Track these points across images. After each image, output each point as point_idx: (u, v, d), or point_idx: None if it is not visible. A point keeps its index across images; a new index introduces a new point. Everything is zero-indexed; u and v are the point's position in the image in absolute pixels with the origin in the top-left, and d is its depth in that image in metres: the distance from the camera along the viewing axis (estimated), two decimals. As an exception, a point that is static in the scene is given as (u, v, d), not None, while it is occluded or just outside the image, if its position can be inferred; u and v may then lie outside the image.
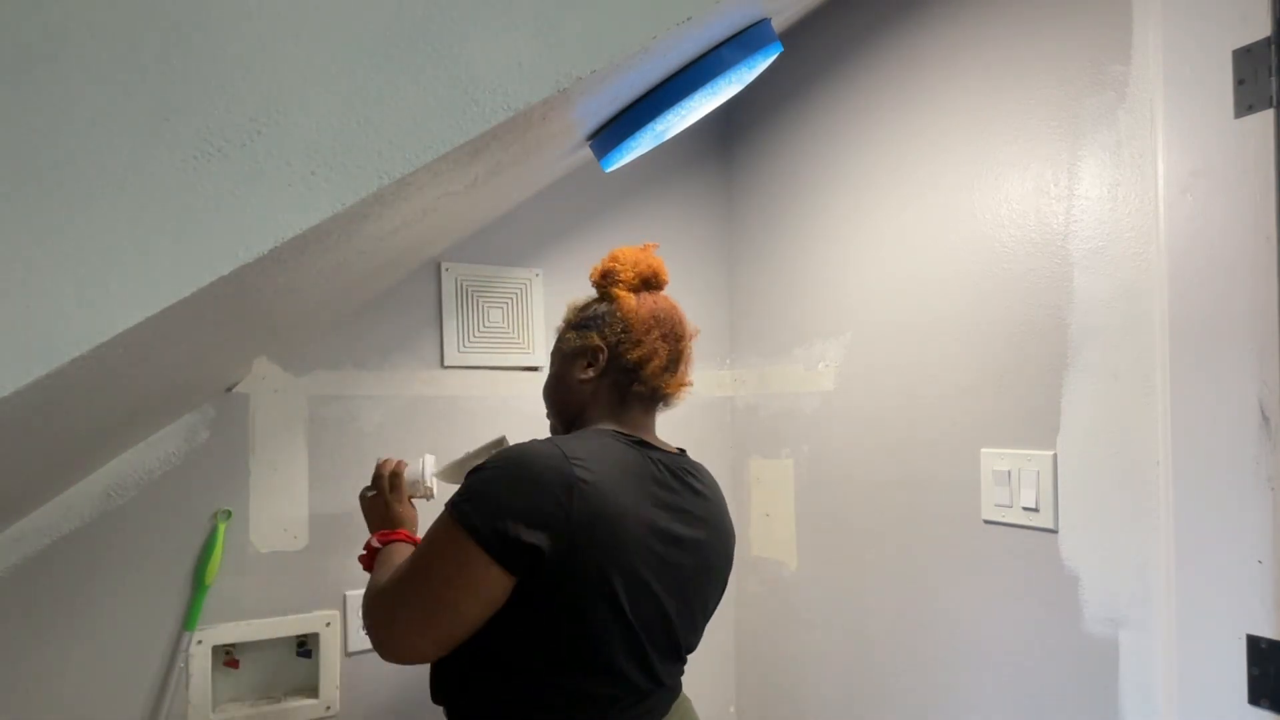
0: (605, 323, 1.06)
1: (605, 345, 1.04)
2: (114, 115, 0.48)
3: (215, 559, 1.30)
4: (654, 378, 1.04)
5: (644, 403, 1.06)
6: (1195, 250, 0.92)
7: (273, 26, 0.51)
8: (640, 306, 1.05)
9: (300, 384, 1.40)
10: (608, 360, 1.04)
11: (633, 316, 1.05)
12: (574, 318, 1.11)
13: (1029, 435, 1.14)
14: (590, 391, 1.05)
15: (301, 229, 0.51)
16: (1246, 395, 0.87)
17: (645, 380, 1.03)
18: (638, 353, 1.03)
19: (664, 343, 1.04)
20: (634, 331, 1.04)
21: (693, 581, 0.97)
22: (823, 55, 1.55)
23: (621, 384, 1.04)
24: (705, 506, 1.01)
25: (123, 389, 0.72)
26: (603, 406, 1.04)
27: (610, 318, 1.06)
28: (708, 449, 1.80)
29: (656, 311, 1.06)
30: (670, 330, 1.06)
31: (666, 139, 1.03)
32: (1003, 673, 1.18)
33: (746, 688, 1.78)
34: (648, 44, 0.60)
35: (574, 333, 1.09)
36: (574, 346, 1.07)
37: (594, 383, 1.05)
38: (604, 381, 1.05)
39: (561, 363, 1.09)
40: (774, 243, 1.70)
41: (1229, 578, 0.88)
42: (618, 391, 1.04)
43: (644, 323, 1.04)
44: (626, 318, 1.05)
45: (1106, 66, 1.03)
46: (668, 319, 1.06)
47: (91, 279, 0.47)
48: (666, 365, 1.05)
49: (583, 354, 1.06)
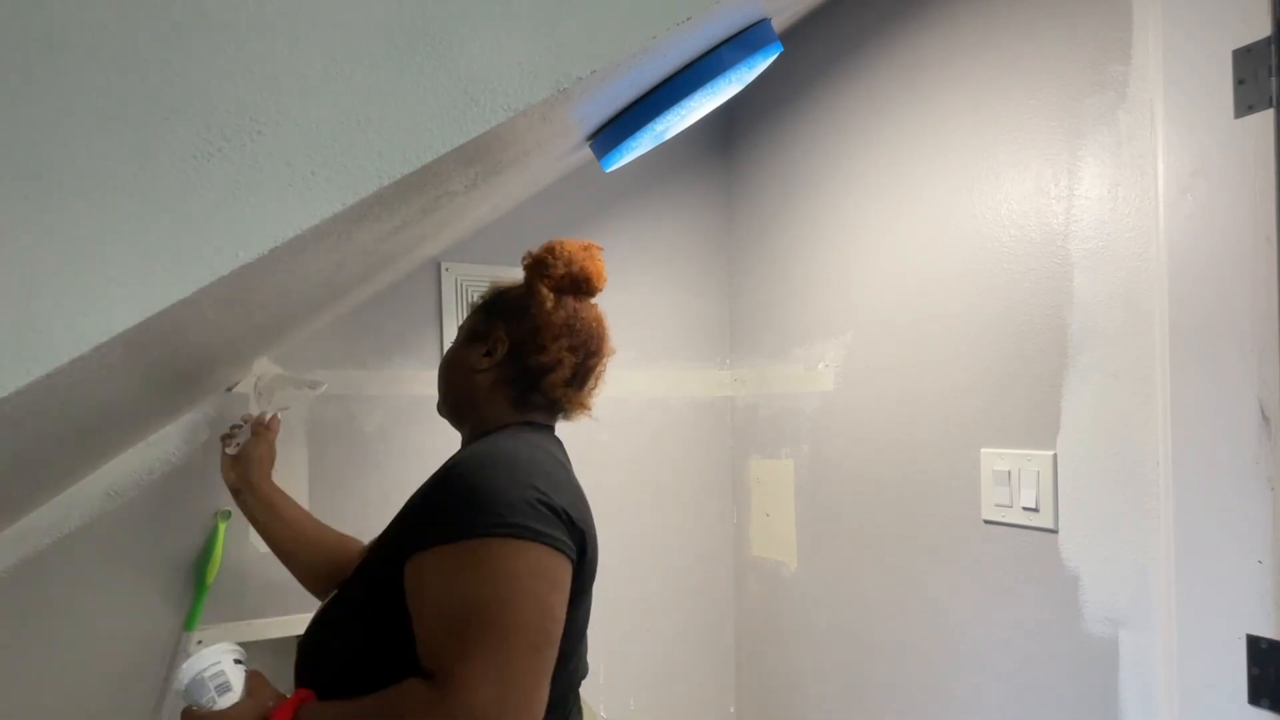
0: (516, 316, 0.98)
1: (508, 339, 0.97)
2: (114, 115, 0.48)
3: (215, 559, 1.30)
4: (553, 389, 0.96)
5: (542, 412, 0.99)
6: (1195, 250, 0.92)
7: (273, 26, 0.51)
8: (556, 310, 0.97)
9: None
10: (507, 356, 0.97)
11: (544, 319, 0.97)
12: (490, 297, 1.04)
13: (1029, 435, 1.14)
14: (486, 384, 0.97)
15: (301, 229, 0.51)
16: (1246, 395, 0.87)
17: (544, 390, 0.96)
18: (540, 359, 0.96)
19: (571, 354, 0.97)
20: (541, 335, 0.96)
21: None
22: (823, 55, 1.55)
23: (520, 385, 0.97)
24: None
25: (123, 389, 0.72)
26: (501, 402, 0.97)
27: (522, 313, 0.98)
28: (708, 449, 1.80)
29: (572, 319, 0.98)
30: (583, 343, 0.98)
31: (666, 139, 1.03)
32: (1003, 672, 1.18)
33: (746, 688, 1.78)
34: (648, 44, 0.60)
35: (482, 315, 1.02)
36: (477, 329, 1.00)
37: (488, 375, 0.97)
38: (499, 375, 0.97)
39: (462, 341, 1.02)
40: (774, 243, 1.70)
41: (1229, 578, 0.88)
42: (516, 390, 0.97)
43: (555, 328, 0.97)
44: (537, 318, 0.97)
45: (1106, 66, 1.03)
46: (584, 330, 0.99)
47: (92, 279, 0.47)
48: (570, 379, 0.97)
49: (482, 340, 0.99)
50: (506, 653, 0.70)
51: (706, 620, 1.79)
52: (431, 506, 0.80)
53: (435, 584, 0.74)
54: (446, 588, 0.73)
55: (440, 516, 0.78)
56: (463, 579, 0.73)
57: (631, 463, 1.70)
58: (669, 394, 1.76)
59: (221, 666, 0.85)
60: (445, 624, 0.72)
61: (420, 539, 0.77)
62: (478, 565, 0.73)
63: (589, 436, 1.65)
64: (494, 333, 0.98)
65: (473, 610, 0.71)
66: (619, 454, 1.69)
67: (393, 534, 0.89)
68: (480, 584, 0.72)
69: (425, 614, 0.75)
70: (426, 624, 0.75)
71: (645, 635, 1.69)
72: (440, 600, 0.73)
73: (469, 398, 0.99)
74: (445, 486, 0.80)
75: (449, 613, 0.72)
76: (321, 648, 0.88)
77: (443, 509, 0.78)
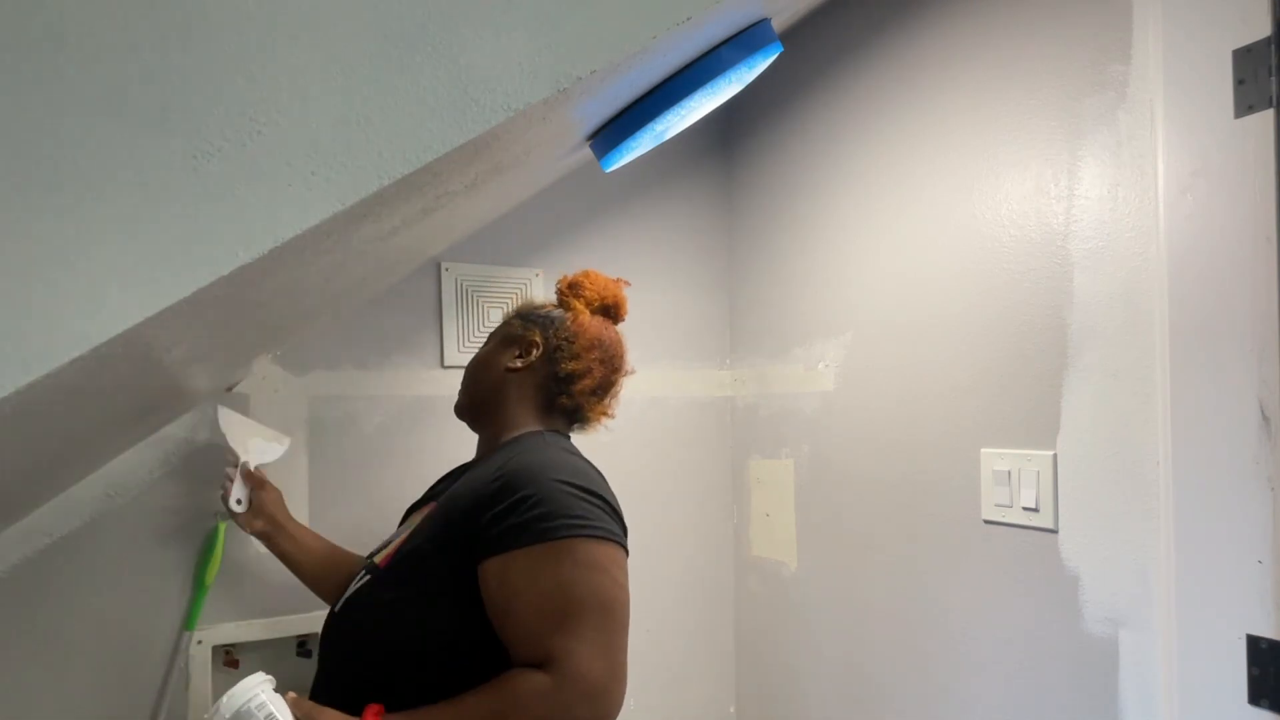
0: (553, 326, 1.08)
1: (543, 344, 1.06)
2: (114, 115, 0.48)
3: (215, 559, 1.30)
4: (581, 395, 1.05)
5: (567, 417, 1.08)
6: (1195, 250, 0.92)
7: (273, 26, 0.51)
8: (591, 325, 1.07)
9: (300, 384, 1.40)
10: (541, 360, 1.05)
11: (580, 330, 1.06)
12: (525, 309, 1.13)
13: (1029, 435, 1.14)
14: (514, 384, 1.05)
15: (301, 229, 0.51)
16: (1246, 395, 0.87)
17: (572, 395, 1.04)
18: (573, 365, 1.04)
19: (601, 367, 1.06)
20: (576, 344, 1.05)
21: None
22: (823, 55, 1.55)
23: (549, 391, 1.05)
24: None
25: (122, 389, 0.72)
26: (527, 407, 1.05)
27: (560, 323, 1.08)
28: (708, 449, 1.80)
29: (603, 336, 1.08)
30: (610, 358, 1.08)
31: (666, 139, 1.03)
32: (1003, 672, 1.18)
33: (746, 688, 1.78)
34: (648, 44, 0.60)
35: (520, 321, 1.10)
36: (514, 333, 1.08)
37: (519, 375, 1.05)
38: (530, 379, 1.05)
39: (496, 344, 1.10)
40: (774, 242, 1.70)
41: (1229, 578, 0.88)
42: (544, 396, 1.05)
43: (589, 340, 1.06)
44: (574, 329, 1.06)
45: (1106, 66, 1.03)
46: (612, 347, 1.09)
47: (91, 279, 0.47)
48: (596, 389, 1.06)
49: (518, 343, 1.07)
50: (608, 633, 0.81)
51: (706, 620, 1.79)
52: (505, 513, 0.86)
53: (532, 580, 0.83)
54: (545, 583, 0.82)
55: (521, 523, 0.85)
56: (559, 574, 0.82)
57: (632, 463, 1.70)
58: (669, 394, 1.76)
59: (263, 698, 0.84)
60: (547, 614, 0.82)
61: (500, 543, 0.85)
62: (573, 563, 0.82)
63: (589, 437, 1.65)
64: (529, 337, 1.06)
65: (574, 599, 0.81)
66: (619, 454, 1.69)
67: (447, 535, 0.92)
68: (576, 578, 0.82)
69: (521, 607, 0.83)
70: (525, 616, 0.83)
71: (645, 635, 1.69)
72: (541, 594, 0.82)
73: (496, 399, 1.05)
74: (516, 495, 0.86)
75: (551, 604, 0.82)
76: (365, 638, 0.92)
77: (522, 516, 0.85)
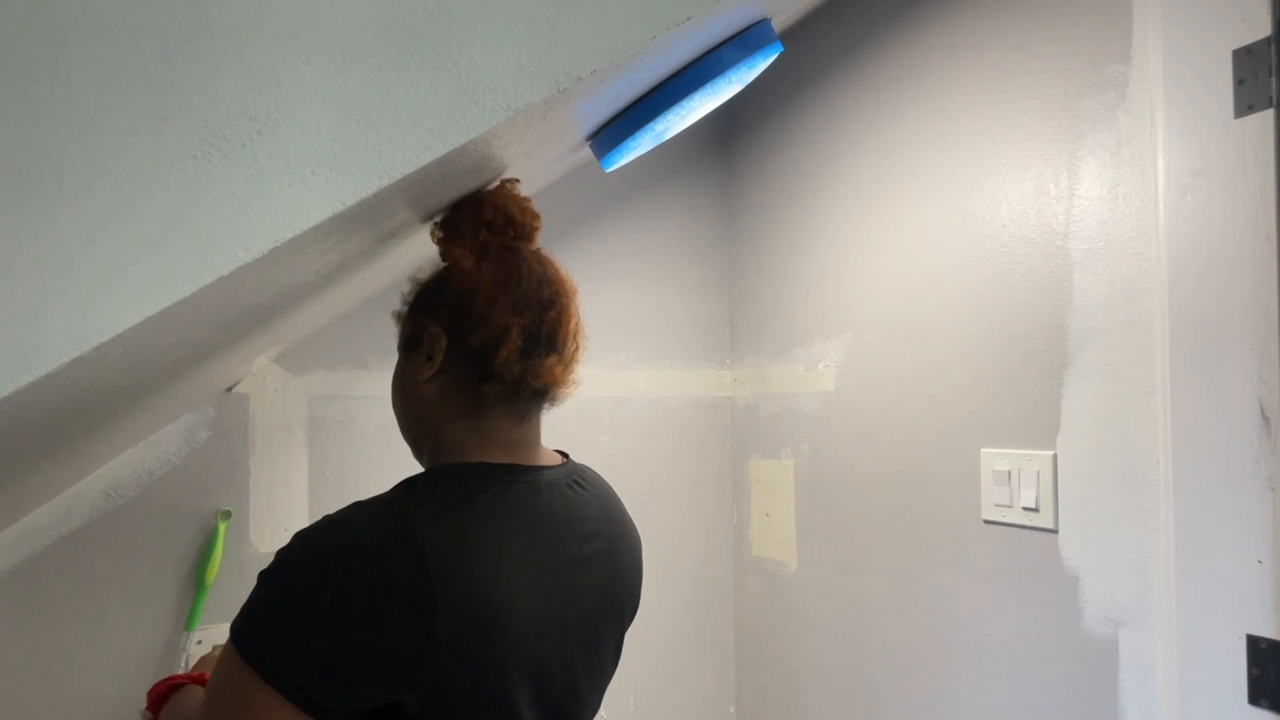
0: (441, 299, 0.77)
1: (443, 332, 0.75)
2: (114, 115, 0.48)
3: (215, 559, 1.30)
4: (508, 366, 0.72)
5: (508, 404, 0.75)
6: (1195, 250, 0.92)
7: (273, 26, 0.51)
8: (485, 271, 0.75)
9: (300, 384, 1.40)
10: (449, 352, 0.75)
11: (469, 284, 0.74)
12: (409, 293, 0.82)
13: (1029, 435, 1.14)
14: (434, 400, 0.76)
15: (301, 229, 0.51)
16: (1246, 395, 0.87)
17: (497, 372, 0.73)
18: (481, 334, 0.73)
19: (519, 315, 0.73)
20: (474, 304, 0.73)
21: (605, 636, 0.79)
22: (823, 55, 1.55)
23: (468, 382, 0.74)
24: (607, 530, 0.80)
25: (122, 389, 0.72)
26: (455, 419, 0.75)
27: (445, 290, 0.76)
28: (708, 449, 1.80)
29: (507, 273, 0.75)
30: (532, 294, 0.74)
31: (666, 139, 1.03)
32: (1003, 672, 1.18)
33: (746, 688, 1.78)
34: (648, 44, 0.60)
35: (408, 318, 0.81)
36: (407, 335, 0.80)
37: (435, 384, 0.76)
38: (448, 382, 0.75)
39: (401, 357, 0.81)
40: (774, 242, 1.70)
41: (1229, 578, 0.88)
42: (467, 394, 0.74)
43: (487, 290, 0.73)
44: (462, 287, 0.75)
45: (1106, 66, 1.03)
46: (530, 279, 0.75)
47: (91, 279, 0.47)
48: (527, 346, 0.73)
49: (416, 344, 0.77)
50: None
51: (706, 620, 1.79)
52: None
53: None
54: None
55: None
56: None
57: (631, 463, 1.70)
58: (669, 394, 1.76)
59: None
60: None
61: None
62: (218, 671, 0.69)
63: (589, 437, 1.65)
64: (426, 331, 0.76)
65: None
66: (619, 454, 1.69)
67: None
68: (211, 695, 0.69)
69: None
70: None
71: (645, 635, 1.69)
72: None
73: (421, 417, 0.78)
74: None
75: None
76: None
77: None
